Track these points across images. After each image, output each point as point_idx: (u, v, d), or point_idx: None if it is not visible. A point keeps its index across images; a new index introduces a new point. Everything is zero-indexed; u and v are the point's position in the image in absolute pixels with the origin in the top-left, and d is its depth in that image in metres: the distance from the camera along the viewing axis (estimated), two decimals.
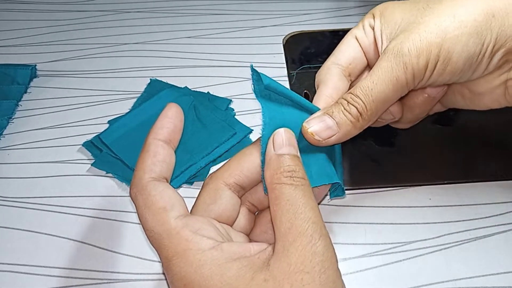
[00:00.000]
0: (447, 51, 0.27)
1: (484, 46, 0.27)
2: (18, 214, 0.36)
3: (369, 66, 0.33)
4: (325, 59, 0.38)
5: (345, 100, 0.28)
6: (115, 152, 0.38)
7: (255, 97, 0.43)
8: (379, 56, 0.30)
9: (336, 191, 0.31)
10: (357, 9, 0.53)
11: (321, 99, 0.31)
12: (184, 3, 0.54)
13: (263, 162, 0.27)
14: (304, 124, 0.28)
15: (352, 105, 0.28)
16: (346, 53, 0.32)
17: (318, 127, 0.28)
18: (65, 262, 0.33)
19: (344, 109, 0.28)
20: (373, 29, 0.31)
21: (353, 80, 0.33)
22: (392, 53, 0.28)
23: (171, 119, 0.28)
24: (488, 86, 0.30)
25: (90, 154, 0.39)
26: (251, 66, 0.28)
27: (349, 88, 0.31)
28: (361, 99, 0.28)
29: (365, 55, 0.32)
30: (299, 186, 0.24)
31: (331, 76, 0.31)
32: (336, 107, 0.28)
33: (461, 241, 0.33)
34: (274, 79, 0.44)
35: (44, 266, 0.33)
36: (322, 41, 0.49)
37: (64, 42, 0.50)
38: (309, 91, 0.44)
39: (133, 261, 0.33)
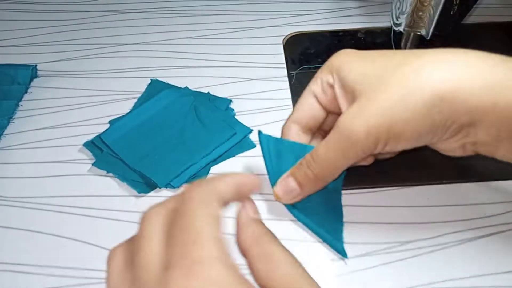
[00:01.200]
0: (397, 133, 0.27)
1: (434, 126, 0.27)
2: (18, 214, 0.36)
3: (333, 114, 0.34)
4: (325, 59, 0.38)
5: (305, 163, 0.31)
6: (116, 152, 0.38)
7: (255, 98, 0.44)
8: (340, 112, 0.31)
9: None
10: (357, 9, 0.53)
11: None
12: (184, 3, 0.54)
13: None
14: (273, 188, 0.32)
15: (309, 169, 0.31)
16: (304, 112, 0.34)
17: (281, 190, 0.32)
18: (65, 262, 0.33)
19: (305, 172, 0.31)
20: (331, 87, 0.32)
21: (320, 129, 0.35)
22: (343, 128, 0.28)
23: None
24: (446, 146, 0.30)
25: (91, 154, 0.39)
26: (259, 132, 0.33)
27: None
28: (317, 164, 0.30)
29: (325, 109, 0.33)
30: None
31: (291, 135, 0.34)
32: (298, 169, 0.31)
33: (461, 241, 0.33)
34: (274, 79, 0.45)
35: (44, 266, 0.33)
36: (322, 41, 0.49)
37: (64, 42, 0.50)
38: None
39: None
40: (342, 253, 0.32)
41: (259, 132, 0.33)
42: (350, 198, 0.35)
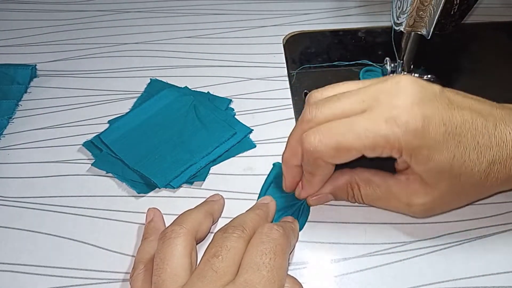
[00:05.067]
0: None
1: None
2: (18, 214, 0.36)
3: None
4: (325, 59, 0.38)
5: (355, 195, 0.33)
6: (115, 152, 0.38)
7: (255, 97, 0.44)
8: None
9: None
10: (357, 9, 0.53)
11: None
12: (184, 3, 0.54)
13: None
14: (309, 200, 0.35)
15: (355, 199, 0.34)
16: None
17: (316, 201, 0.35)
18: (65, 262, 0.33)
19: (349, 199, 0.34)
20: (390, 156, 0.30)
21: None
22: (412, 210, 0.32)
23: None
24: None
25: (90, 154, 0.39)
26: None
27: None
28: (365, 201, 0.34)
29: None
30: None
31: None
32: (348, 194, 0.34)
33: (461, 241, 0.33)
34: (274, 79, 0.45)
35: (44, 266, 0.33)
36: (322, 41, 0.49)
37: (64, 42, 0.50)
38: (309, 91, 0.44)
39: (133, 261, 0.33)
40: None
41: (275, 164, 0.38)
42: None
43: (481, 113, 0.30)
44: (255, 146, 0.39)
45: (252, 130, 0.40)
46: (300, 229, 0.34)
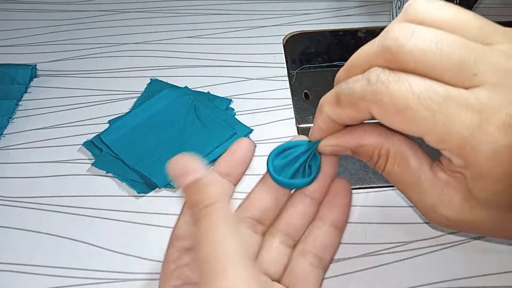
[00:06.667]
0: None
1: None
2: (18, 214, 0.36)
3: None
4: (325, 59, 0.38)
5: (376, 161, 0.25)
6: (116, 152, 0.38)
7: (255, 97, 0.44)
8: None
9: None
10: (357, 9, 0.53)
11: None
12: (184, 3, 0.54)
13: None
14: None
15: (376, 169, 0.26)
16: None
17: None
18: (65, 262, 0.33)
19: (371, 163, 0.26)
20: None
21: None
22: None
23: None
24: None
25: (91, 154, 0.39)
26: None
27: None
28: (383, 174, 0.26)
29: None
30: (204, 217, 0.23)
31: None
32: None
33: (461, 241, 0.33)
34: (274, 79, 0.45)
35: (44, 266, 0.33)
36: (322, 41, 0.49)
37: (64, 42, 0.50)
38: (309, 91, 0.44)
39: (133, 261, 0.33)
40: None
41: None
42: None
43: None
44: (255, 146, 0.39)
45: (252, 130, 0.40)
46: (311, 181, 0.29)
